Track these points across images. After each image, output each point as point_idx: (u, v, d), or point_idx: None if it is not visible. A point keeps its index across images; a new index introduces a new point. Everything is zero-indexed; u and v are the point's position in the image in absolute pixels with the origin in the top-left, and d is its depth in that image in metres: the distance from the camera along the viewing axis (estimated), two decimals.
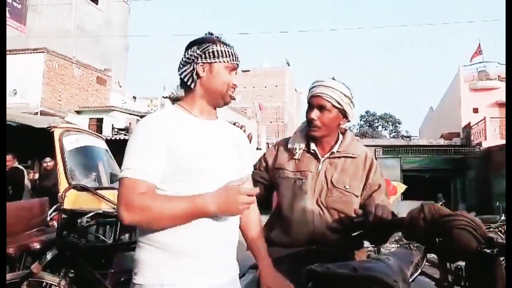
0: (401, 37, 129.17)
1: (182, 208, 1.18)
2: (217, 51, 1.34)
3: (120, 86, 26.76)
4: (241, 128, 1.64)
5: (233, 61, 1.37)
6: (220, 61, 1.34)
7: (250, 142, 1.63)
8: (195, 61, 1.34)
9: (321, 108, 1.62)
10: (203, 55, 1.33)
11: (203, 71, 1.34)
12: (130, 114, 21.85)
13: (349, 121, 1.71)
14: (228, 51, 1.36)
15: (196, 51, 1.34)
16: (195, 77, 1.35)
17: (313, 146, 1.69)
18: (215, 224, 1.25)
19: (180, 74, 1.37)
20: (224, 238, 1.28)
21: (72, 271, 2.25)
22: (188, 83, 1.36)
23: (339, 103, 1.61)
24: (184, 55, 1.37)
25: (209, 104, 1.38)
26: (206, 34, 1.41)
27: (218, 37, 1.39)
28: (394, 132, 43.46)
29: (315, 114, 1.62)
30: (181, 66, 1.38)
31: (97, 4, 25.97)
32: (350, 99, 1.65)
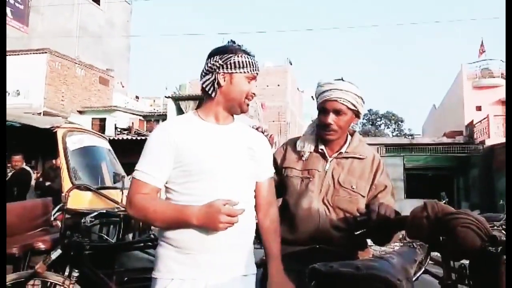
0: (404, 34, 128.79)
1: (171, 216, 1.30)
2: (238, 62, 1.38)
3: (123, 86, 26.81)
4: (263, 132, 1.64)
5: (253, 71, 1.41)
6: (240, 72, 1.39)
7: (272, 145, 1.63)
8: (217, 70, 1.39)
9: (337, 112, 1.61)
10: (224, 65, 1.38)
11: (224, 81, 1.40)
12: (133, 114, 21.93)
13: (360, 118, 1.72)
14: (248, 61, 1.40)
15: (218, 61, 1.39)
16: (216, 86, 1.40)
17: (321, 146, 1.70)
18: None
19: (202, 83, 1.42)
20: (232, 236, 1.31)
21: (76, 270, 2.25)
22: (209, 92, 1.41)
23: (354, 105, 1.62)
24: (206, 64, 1.42)
25: (226, 111, 1.43)
26: (228, 42, 1.45)
27: (239, 46, 1.43)
28: (397, 130, 43.32)
29: (331, 118, 1.62)
30: (203, 75, 1.43)
31: (99, 4, 26.01)
32: (362, 99, 1.65)
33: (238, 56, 1.39)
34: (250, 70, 1.40)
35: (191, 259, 1.30)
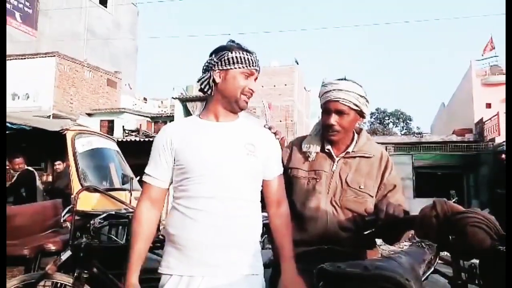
0: (412, 32, 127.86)
1: (129, 256, 1.42)
2: (232, 57, 1.39)
3: (131, 88, 26.99)
4: (269, 129, 1.64)
5: (249, 66, 1.41)
6: (235, 67, 1.40)
7: (281, 145, 1.63)
8: (213, 68, 1.41)
9: (339, 112, 1.59)
10: (219, 63, 1.40)
11: (219, 78, 1.41)
12: (141, 115, 22.05)
13: (365, 118, 1.69)
14: (243, 57, 1.40)
15: (213, 59, 1.42)
16: (211, 83, 1.42)
17: (327, 146, 1.68)
18: (215, 222, 1.32)
19: (199, 82, 1.44)
20: (226, 236, 1.32)
21: (86, 271, 2.27)
22: (205, 90, 1.43)
23: (356, 105, 1.59)
24: (204, 64, 1.45)
25: (225, 108, 1.44)
26: (228, 42, 1.46)
27: (238, 44, 1.44)
28: (405, 129, 43.03)
29: (333, 119, 1.60)
30: (201, 74, 1.45)
31: (106, 7, 26.24)
32: (365, 98, 1.62)
33: (232, 52, 1.40)
34: (246, 66, 1.40)
35: (187, 256, 1.32)
